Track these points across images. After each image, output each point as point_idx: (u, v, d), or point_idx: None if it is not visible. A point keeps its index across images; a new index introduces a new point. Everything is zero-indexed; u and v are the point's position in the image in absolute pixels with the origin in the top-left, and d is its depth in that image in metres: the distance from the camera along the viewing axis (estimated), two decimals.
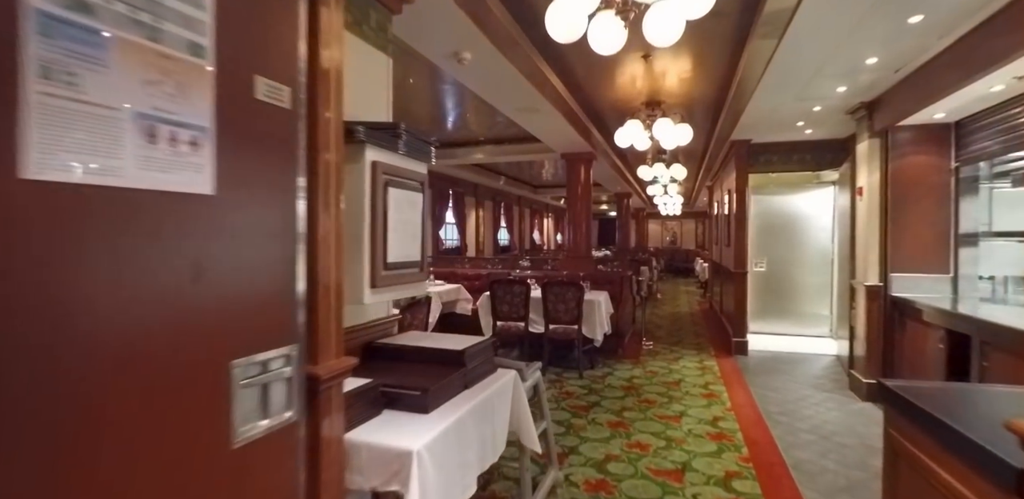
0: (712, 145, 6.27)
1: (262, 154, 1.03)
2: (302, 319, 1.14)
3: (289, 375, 1.10)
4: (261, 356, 1.03)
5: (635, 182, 10.85)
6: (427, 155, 1.78)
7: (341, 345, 1.29)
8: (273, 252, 1.06)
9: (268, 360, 1.05)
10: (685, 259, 18.98)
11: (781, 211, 6.74)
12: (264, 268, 1.04)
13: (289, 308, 1.11)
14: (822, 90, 3.67)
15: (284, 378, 1.09)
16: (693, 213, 19.53)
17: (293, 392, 1.12)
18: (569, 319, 4.70)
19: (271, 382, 1.06)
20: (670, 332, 7.03)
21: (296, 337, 1.12)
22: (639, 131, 4.59)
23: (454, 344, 1.86)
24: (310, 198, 1.18)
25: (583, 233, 6.62)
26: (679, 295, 12.13)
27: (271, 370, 1.06)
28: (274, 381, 1.07)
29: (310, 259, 1.18)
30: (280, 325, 1.09)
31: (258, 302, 1.02)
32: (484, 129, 6.26)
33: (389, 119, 2.08)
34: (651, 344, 6.11)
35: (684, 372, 4.83)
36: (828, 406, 3.84)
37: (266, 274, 1.04)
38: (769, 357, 5.50)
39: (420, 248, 1.75)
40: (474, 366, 1.83)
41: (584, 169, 6.64)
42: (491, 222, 11.42)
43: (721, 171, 7.66)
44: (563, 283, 4.70)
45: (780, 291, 6.76)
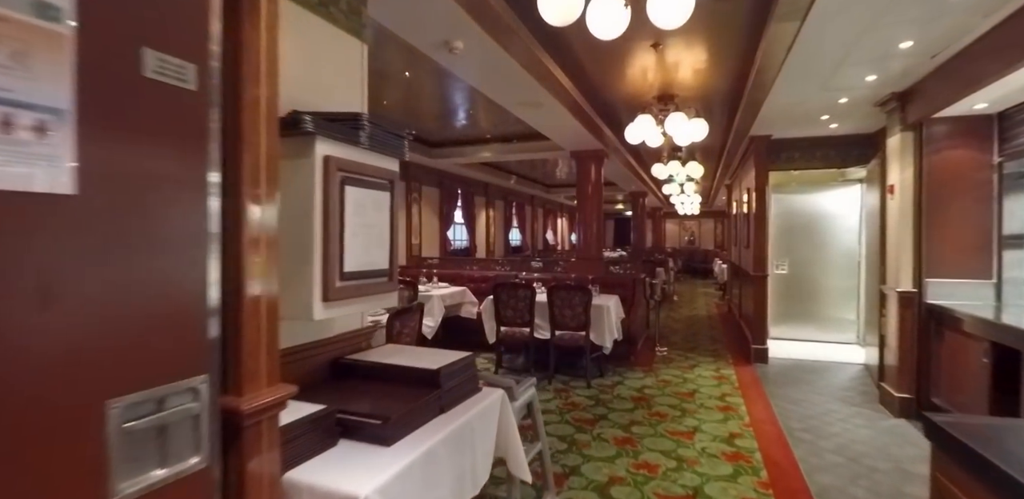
0: (730, 141, 5.98)
1: (155, 145, 0.84)
2: (217, 342, 0.96)
3: (197, 412, 0.92)
4: (154, 391, 0.84)
5: (650, 181, 10.55)
6: (398, 150, 1.59)
7: (276, 370, 1.11)
8: (171, 262, 0.87)
9: (166, 396, 0.86)
10: (703, 260, 18.56)
11: (804, 210, 6.41)
12: (158, 282, 0.85)
13: (196, 330, 0.92)
14: (849, 79, 3.38)
15: (190, 416, 0.91)
16: (712, 212, 19.09)
17: (203, 432, 0.93)
18: (576, 325, 4.48)
19: (171, 423, 0.87)
20: (686, 337, 6.74)
21: (206, 365, 0.94)
22: (651, 127, 4.35)
23: (430, 362, 1.66)
24: (230, 196, 1.00)
25: (593, 234, 6.38)
26: (696, 297, 11.79)
27: (170, 408, 0.87)
28: (175, 421, 0.88)
29: (230, 269, 1.00)
30: (183, 351, 0.90)
31: (148, 325, 0.84)
32: (491, 126, 6.07)
33: (364, 111, 1.90)
34: (665, 350, 5.85)
35: (699, 382, 4.57)
36: (856, 422, 3.55)
37: (161, 289, 0.86)
38: (791, 365, 5.20)
39: (388, 255, 1.56)
40: (451, 387, 1.64)
41: (595, 167, 6.40)
42: (502, 222, 11.23)
43: (740, 169, 7.34)
44: (570, 287, 4.48)
45: (803, 295, 6.44)
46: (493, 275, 6.37)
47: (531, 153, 6.60)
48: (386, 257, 1.54)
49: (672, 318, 8.47)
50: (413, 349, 1.96)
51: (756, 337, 5.37)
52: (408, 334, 2.97)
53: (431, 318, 5.24)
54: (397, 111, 5.51)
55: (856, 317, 6.23)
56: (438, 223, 8.28)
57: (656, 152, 7.43)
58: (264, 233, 1.07)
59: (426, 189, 7.90)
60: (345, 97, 1.83)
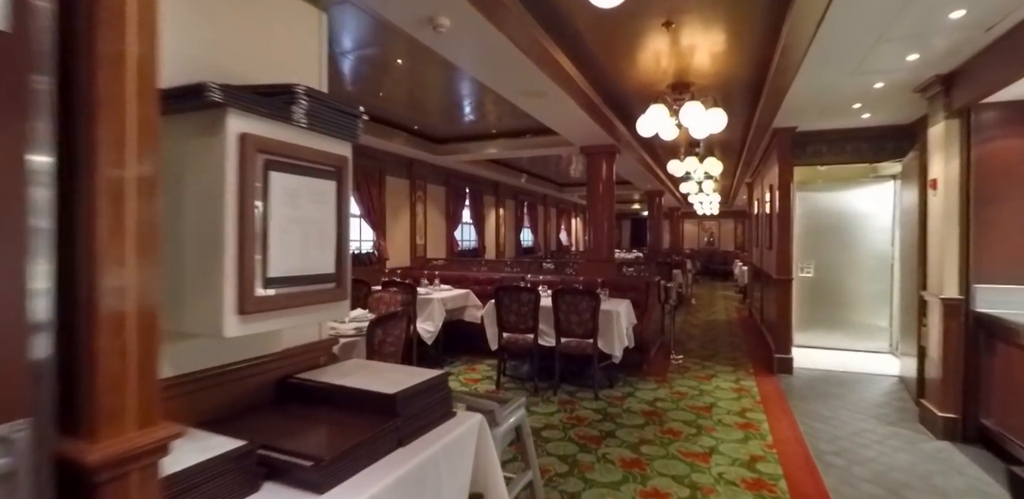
0: (751, 135, 5.63)
1: None
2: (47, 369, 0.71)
3: (11, 469, 0.67)
4: None
5: (667, 179, 10.19)
6: (348, 131, 1.34)
7: (154, 404, 0.86)
8: None
9: None
10: (723, 261, 18.09)
11: (831, 209, 6.03)
12: None
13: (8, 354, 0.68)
14: (887, 60, 3.05)
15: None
16: (732, 212, 18.59)
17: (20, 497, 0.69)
18: (583, 332, 4.19)
19: None
20: (703, 344, 6.39)
21: (27, 403, 0.69)
22: (664, 117, 4.05)
23: (391, 383, 1.41)
24: (78, 181, 0.76)
25: (604, 235, 6.08)
26: (716, 300, 11.37)
27: None
28: None
29: (76, 273, 0.76)
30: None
31: None
32: (497, 121, 5.82)
33: (323, 88, 1.66)
34: (681, 359, 5.52)
35: (717, 394, 4.24)
36: (894, 445, 3.20)
37: None
38: (818, 377, 4.83)
39: (336, 256, 1.31)
40: (415, 413, 1.38)
41: (606, 164, 6.10)
42: (513, 222, 10.97)
43: (762, 165, 6.97)
44: (576, 291, 4.20)
45: (830, 299, 6.05)
46: (499, 277, 6.11)
47: (539, 149, 6.33)
48: (331, 259, 1.29)
49: (689, 323, 8.11)
50: (381, 366, 1.70)
51: (780, 346, 5.01)
52: (393, 343, 2.73)
53: (431, 322, 5.01)
54: (397, 105, 5.29)
55: (888, 324, 5.83)
56: (445, 223, 8.06)
57: (672, 148, 7.10)
58: (136, 227, 0.82)
59: (432, 188, 7.69)
60: (297, 73, 1.58)
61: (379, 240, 6.23)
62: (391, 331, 2.70)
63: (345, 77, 4.44)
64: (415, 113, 5.60)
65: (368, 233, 6.26)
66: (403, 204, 6.96)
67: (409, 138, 6.20)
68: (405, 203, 6.97)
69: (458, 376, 4.83)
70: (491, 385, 4.50)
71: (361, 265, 5.96)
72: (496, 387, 4.44)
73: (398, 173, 6.80)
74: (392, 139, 5.88)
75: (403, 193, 6.95)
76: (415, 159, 6.92)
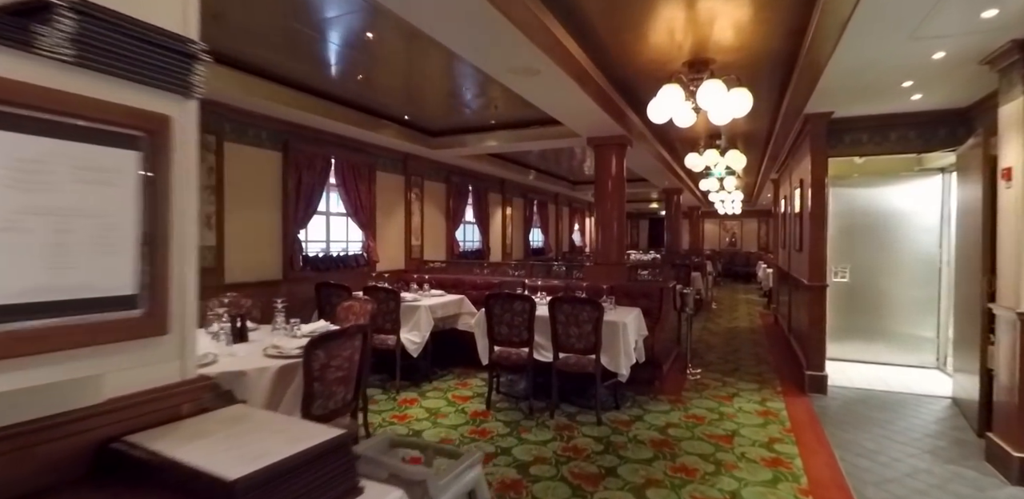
0: (779, 123, 5.06)
1: None
2: None
3: None
4: None
5: (685, 176, 9.60)
6: (172, 76, 0.88)
7: None
8: None
9: None
10: (746, 263, 17.40)
11: (869, 207, 5.43)
12: None
13: None
14: (954, 20, 2.50)
15: None
16: (755, 212, 17.84)
17: None
18: (584, 347, 3.69)
19: None
20: (724, 355, 5.83)
21: None
22: (679, 99, 3.53)
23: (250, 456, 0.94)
24: None
25: (614, 236, 5.56)
26: (738, 304, 10.74)
27: None
28: None
29: None
30: None
31: None
32: (495, 111, 5.35)
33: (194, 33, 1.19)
34: (699, 373, 4.98)
35: (740, 419, 3.71)
36: (959, 491, 2.64)
37: None
38: (857, 397, 4.25)
39: (136, 266, 0.85)
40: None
41: (616, 158, 5.58)
42: (521, 222, 10.49)
43: (790, 159, 6.37)
44: (575, 300, 3.70)
45: (868, 307, 5.45)
46: (498, 281, 5.64)
47: (543, 142, 5.84)
48: (128, 272, 0.83)
49: (709, 331, 7.53)
50: (265, 420, 1.24)
51: (812, 362, 4.44)
52: (341, 367, 2.28)
53: (417, 332, 4.57)
54: (380, 92, 4.86)
55: (935, 335, 5.21)
56: (445, 223, 7.62)
57: (691, 140, 6.54)
58: None
59: (430, 185, 7.25)
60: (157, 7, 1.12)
61: (368, 241, 5.82)
62: (338, 352, 2.25)
63: (323, 59, 4.01)
64: (403, 101, 5.16)
65: (356, 233, 5.85)
66: (397, 202, 6.53)
67: (401, 130, 5.76)
68: (399, 201, 6.55)
69: (447, 392, 4.37)
70: (482, 405, 4.03)
71: (347, 268, 5.55)
72: (486, 407, 3.97)
73: (391, 168, 6.38)
74: (380, 131, 5.45)
75: (397, 190, 6.53)
76: (410, 154, 6.50)
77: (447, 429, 3.54)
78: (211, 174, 4.11)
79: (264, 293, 4.59)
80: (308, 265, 5.05)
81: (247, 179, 4.48)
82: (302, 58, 3.96)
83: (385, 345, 4.48)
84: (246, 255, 4.45)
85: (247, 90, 4.08)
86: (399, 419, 3.74)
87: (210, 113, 4.10)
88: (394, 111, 5.34)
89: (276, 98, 4.30)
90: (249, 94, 4.09)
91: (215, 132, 4.16)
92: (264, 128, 4.63)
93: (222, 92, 3.98)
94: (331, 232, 5.55)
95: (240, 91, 4.02)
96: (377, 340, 4.53)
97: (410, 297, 4.84)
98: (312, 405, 2.21)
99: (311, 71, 4.24)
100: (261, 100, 4.21)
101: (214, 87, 3.87)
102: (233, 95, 4.05)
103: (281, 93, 4.35)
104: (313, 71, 4.25)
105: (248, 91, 4.08)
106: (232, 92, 4.00)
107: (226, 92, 3.98)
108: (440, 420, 3.71)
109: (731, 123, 5.42)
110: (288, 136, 4.83)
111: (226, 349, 2.59)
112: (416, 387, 4.56)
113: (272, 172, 4.73)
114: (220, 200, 4.19)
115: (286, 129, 4.80)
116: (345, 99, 4.92)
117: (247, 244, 4.47)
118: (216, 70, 3.86)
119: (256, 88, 4.16)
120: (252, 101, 4.21)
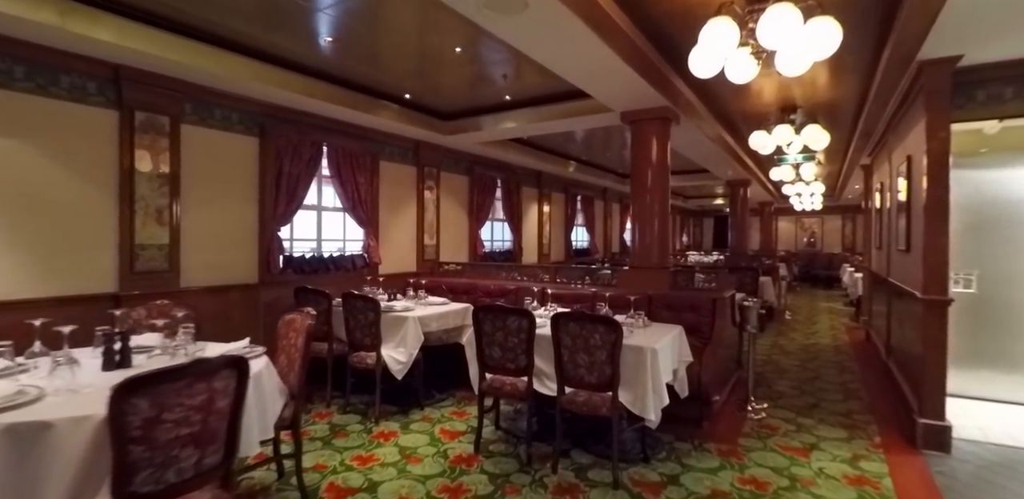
0: (877, 80, 3.85)
1: None
2: None
3: None
4: None
5: (753, 163, 8.31)
6: None
7: None
8: None
9: None
10: (827, 265, 15.50)
11: (1004, 195, 4.10)
12: None
13: None
14: None
15: None
16: (839, 207, 15.87)
17: None
18: (597, 381, 2.77)
19: None
20: (800, 383, 4.66)
21: None
22: (730, 38, 2.54)
23: None
24: None
25: (654, 234, 4.57)
26: (818, 314, 9.25)
27: None
28: None
29: None
30: None
31: None
32: (504, 81, 4.50)
33: None
34: (763, 410, 3.89)
35: (822, 489, 2.65)
36: None
37: None
38: (998, 460, 3.04)
39: None
40: None
41: (658, 138, 4.58)
42: (562, 219, 9.56)
43: (890, 133, 5.05)
44: (584, 317, 2.78)
45: (1003, 327, 4.13)
46: (515, 287, 4.78)
47: (569, 120, 4.91)
48: None
49: (780, 348, 6.28)
50: None
51: (926, 404, 3.25)
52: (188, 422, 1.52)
53: (402, 350, 3.82)
54: (371, 64, 4.15)
55: None
56: (467, 220, 6.86)
57: (757, 115, 5.38)
58: None
59: (449, 177, 6.51)
60: None
61: (368, 240, 5.15)
62: (176, 400, 1.50)
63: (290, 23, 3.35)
64: (397, 75, 4.43)
65: (356, 231, 5.20)
66: (408, 196, 5.83)
67: (405, 113, 5.05)
68: (410, 195, 5.85)
69: (436, 424, 3.59)
70: (471, 445, 3.20)
71: (342, 271, 4.91)
72: (475, 450, 3.14)
73: (400, 158, 5.68)
74: (378, 112, 4.75)
75: (408, 182, 5.83)
76: (422, 141, 5.79)
77: (413, 482, 2.74)
78: (162, 161, 3.56)
79: (232, 299, 4.03)
80: (291, 267, 4.44)
81: (213, 167, 3.92)
82: (270, 25, 3.33)
83: (364, 364, 3.77)
84: (209, 255, 3.89)
85: (211, 64, 3.50)
86: (360, 462, 2.98)
87: (162, 91, 3.55)
88: (390, 88, 4.62)
89: (241, 72, 3.70)
90: (212, 69, 3.50)
91: (169, 113, 3.60)
92: (235, 109, 4.05)
93: (178, 67, 3.41)
94: (324, 230, 4.93)
95: (202, 65, 3.44)
96: (355, 358, 3.83)
97: (400, 306, 4.09)
98: (133, 478, 1.48)
99: (283, 41, 3.60)
100: (224, 74, 3.61)
101: (165, 61, 3.30)
102: (193, 70, 3.48)
103: (247, 66, 3.75)
104: (285, 41, 3.61)
105: (210, 65, 3.50)
106: (192, 67, 3.42)
107: (186, 67, 3.41)
108: (411, 467, 2.92)
109: (810, 89, 4.25)
110: (265, 119, 4.24)
111: (84, 379, 1.92)
112: (403, 415, 3.82)
113: (246, 160, 4.15)
114: (175, 191, 3.63)
115: (263, 111, 4.21)
116: (329, 74, 4.26)
117: (211, 242, 3.90)
118: (168, 40, 3.29)
119: (219, 61, 3.57)
120: (214, 76, 3.63)
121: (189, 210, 3.74)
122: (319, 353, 4.11)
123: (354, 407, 3.97)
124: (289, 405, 2.54)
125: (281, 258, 4.34)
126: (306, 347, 2.56)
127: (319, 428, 3.59)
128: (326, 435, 3.45)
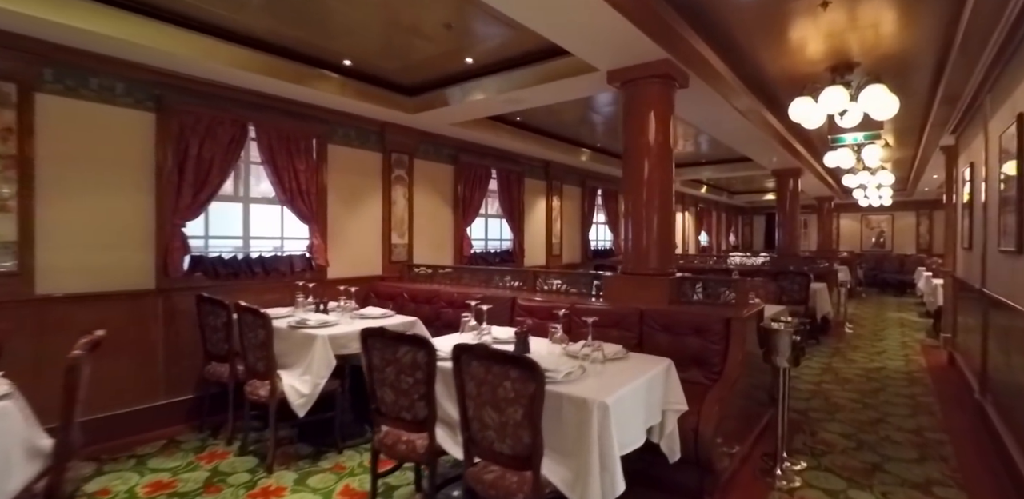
0: (960, 34, 2.69)
1: None
2: None
3: None
4: None
5: (802, 147, 7.01)
6: None
7: None
8: None
9: None
10: (898, 269, 13.73)
11: None
12: None
13: None
14: None
15: None
16: (912, 203, 13.99)
17: None
18: (512, 452, 1.82)
19: None
20: (856, 432, 3.50)
21: None
22: None
23: None
24: None
25: (652, 232, 3.54)
26: (886, 328, 7.82)
27: None
28: None
29: None
30: None
31: None
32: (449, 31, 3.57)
33: None
34: (798, 474, 2.80)
35: None
36: None
37: None
38: None
39: None
40: None
41: (657, 109, 3.55)
42: (578, 216, 8.52)
43: (983, 96, 3.78)
44: (489, 356, 1.83)
45: None
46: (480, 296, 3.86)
47: (548, 85, 3.85)
48: None
49: (834, 373, 5.06)
50: None
51: None
52: None
53: (307, 379, 2.98)
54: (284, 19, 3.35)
55: None
56: (452, 216, 5.98)
57: (801, 77, 4.22)
58: None
59: (427, 165, 5.64)
60: None
61: (313, 238, 4.37)
62: None
63: None
64: (330, 38, 3.61)
65: (299, 228, 4.43)
66: (371, 187, 5.01)
67: (353, 85, 4.22)
68: (375, 186, 5.03)
69: (343, 479, 2.73)
70: None
71: (275, 274, 4.14)
72: None
73: (359, 142, 4.86)
74: (314, 84, 3.93)
75: (371, 172, 5.00)
76: (388, 122, 4.96)
77: None
78: (6, 139, 2.88)
79: (117, 310, 3.32)
80: (201, 269, 3.70)
81: (87, 149, 3.22)
82: None
83: (256, 396, 2.96)
84: (81, 255, 3.19)
85: (79, 20, 2.79)
86: None
87: (6, 52, 2.87)
88: (325, 52, 3.79)
89: (126, 31, 2.97)
90: (82, 25, 2.80)
91: (16, 79, 2.92)
92: (120, 78, 3.34)
93: (30, 22, 2.72)
94: (254, 226, 4.18)
95: (65, 21, 2.74)
96: (249, 387, 3.03)
97: (316, 321, 3.25)
98: None
99: None
100: (104, 33, 2.89)
101: (7, 12, 2.61)
102: (51, 27, 2.78)
103: (135, 24, 3.02)
104: None
105: (79, 21, 2.79)
106: (49, 23, 2.73)
107: (40, 23, 2.72)
108: None
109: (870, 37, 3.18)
110: (164, 90, 3.51)
111: None
112: (314, 458, 3.02)
113: (137, 140, 3.43)
114: (26, 177, 2.95)
115: (159, 80, 3.48)
116: (248, 36, 3.49)
117: (84, 240, 3.20)
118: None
119: (92, 16, 2.87)
120: (86, 36, 2.92)
121: (50, 200, 3.05)
122: (219, 378, 3.35)
123: (259, 446, 3.19)
124: (55, 471, 1.75)
125: (187, 259, 3.61)
126: (70, 390, 1.76)
127: (193, 477, 2.82)
128: (192, 490, 2.67)
